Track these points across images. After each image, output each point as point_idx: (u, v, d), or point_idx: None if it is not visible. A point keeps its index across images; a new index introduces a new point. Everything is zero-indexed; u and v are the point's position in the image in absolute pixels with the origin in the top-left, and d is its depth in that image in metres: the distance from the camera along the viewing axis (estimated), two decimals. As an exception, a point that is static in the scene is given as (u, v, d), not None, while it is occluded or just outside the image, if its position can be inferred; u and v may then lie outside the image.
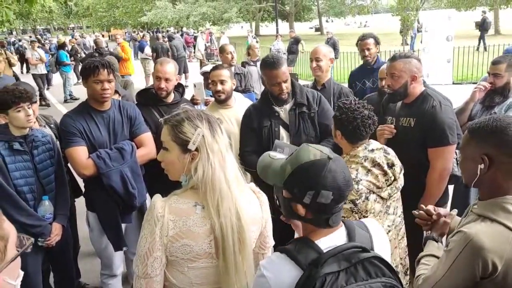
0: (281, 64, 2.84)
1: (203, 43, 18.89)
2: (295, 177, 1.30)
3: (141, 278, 1.54)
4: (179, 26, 34.61)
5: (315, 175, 1.27)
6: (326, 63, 3.61)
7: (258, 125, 2.96)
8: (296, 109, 2.96)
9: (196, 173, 1.53)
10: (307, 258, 1.25)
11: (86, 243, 3.49)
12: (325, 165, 1.28)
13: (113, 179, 2.68)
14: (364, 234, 1.38)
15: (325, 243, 1.30)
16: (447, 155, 2.70)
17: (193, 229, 1.52)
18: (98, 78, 2.68)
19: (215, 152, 1.55)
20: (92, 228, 2.91)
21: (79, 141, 2.69)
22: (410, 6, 24.10)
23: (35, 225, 2.65)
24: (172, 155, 1.57)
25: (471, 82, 11.84)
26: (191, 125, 1.54)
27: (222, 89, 3.31)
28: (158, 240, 1.50)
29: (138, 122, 2.93)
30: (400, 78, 2.74)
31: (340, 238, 1.33)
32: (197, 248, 1.52)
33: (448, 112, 2.72)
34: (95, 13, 46.55)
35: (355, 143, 2.31)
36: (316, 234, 1.33)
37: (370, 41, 4.21)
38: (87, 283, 3.69)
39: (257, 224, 1.68)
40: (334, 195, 1.27)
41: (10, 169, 2.58)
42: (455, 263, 1.47)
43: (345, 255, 1.24)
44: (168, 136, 1.57)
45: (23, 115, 2.59)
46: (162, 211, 1.51)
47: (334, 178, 1.27)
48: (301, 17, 42.63)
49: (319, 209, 1.29)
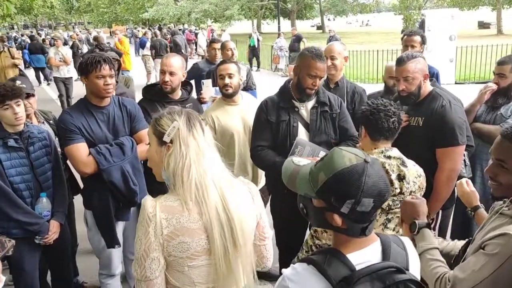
0: (325, 60, 2.81)
1: (204, 39, 18.86)
2: (331, 186, 1.17)
3: (141, 281, 1.51)
4: (180, 23, 34.57)
5: (355, 182, 1.15)
6: (340, 61, 3.50)
7: (276, 118, 2.87)
8: (318, 107, 2.89)
9: (169, 165, 1.54)
10: (337, 274, 1.16)
11: (84, 241, 3.44)
12: (364, 170, 1.16)
13: (114, 175, 2.63)
14: (400, 252, 1.28)
15: (357, 258, 1.21)
16: (456, 155, 2.64)
17: (188, 226, 1.49)
18: (101, 73, 2.62)
19: (190, 146, 1.54)
20: (90, 227, 2.86)
21: (78, 138, 2.64)
22: (413, 5, 24.03)
23: (32, 223, 2.61)
24: (152, 149, 1.62)
25: (473, 82, 11.80)
26: (169, 118, 1.57)
27: (230, 83, 3.27)
28: (153, 240, 1.48)
29: (138, 118, 2.88)
30: (415, 79, 2.67)
31: (374, 254, 1.24)
32: (194, 245, 1.50)
33: (458, 112, 2.66)
34: (96, 9, 46.61)
35: (377, 140, 2.26)
36: (349, 246, 1.23)
37: (416, 39, 3.90)
38: (85, 282, 3.65)
39: (252, 217, 1.65)
40: (375, 201, 1.17)
41: (5, 166, 2.53)
42: (502, 268, 1.40)
43: (380, 275, 1.16)
44: (150, 129, 1.63)
45: (10, 113, 2.52)
46: (153, 210, 1.49)
47: (375, 184, 1.16)
48: (303, 15, 42.65)
49: (357, 218, 1.19)
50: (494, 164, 1.57)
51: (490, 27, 31.48)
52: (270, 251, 1.78)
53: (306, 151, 2.76)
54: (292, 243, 2.99)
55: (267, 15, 42.08)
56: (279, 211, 3.03)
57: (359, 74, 13.51)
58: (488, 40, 15.88)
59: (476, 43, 13.19)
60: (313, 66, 2.75)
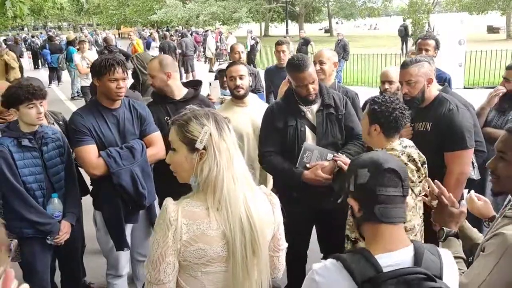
0: (307, 66, 2.75)
1: (213, 42, 18.89)
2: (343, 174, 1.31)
3: (153, 284, 1.49)
4: (188, 25, 34.69)
5: (352, 161, 1.34)
6: (329, 66, 3.51)
7: (283, 124, 2.87)
8: (324, 110, 2.88)
9: (202, 173, 1.50)
10: (363, 274, 1.16)
11: (92, 241, 3.46)
12: None
13: (123, 178, 2.65)
14: (434, 259, 1.25)
15: (386, 261, 1.20)
16: (465, 159, 2.64)
17: (207, 233, 1.47)
18: (114, 76, 2.64)
19: (222, 151, 1.51)
20: (99, 228, 2.88)
21: (88, 140, 2.66)
22: (422, 9, 23.93)
23: (44, 223, 2.63)
24: (180, 156, 1.54)
25: (482, 87, 11.70)
26: (198, 124, 1.52)
27: (241, 84, 3.29)
28: (171, 245, 1.46)
29: (148, 121, 2.89)
30: (418, 83, 2.66)
31: (404, 258, 1.23)
32: (211, 252, 1.49)
33: (465, 116, 2.66)
34: (105, 10, 46.88)
35: (391, 137, 2.33)
36: (378, 247, 1.24)
37: (431, 42, 3.90)
38: (92, 282, 3.67)
39: (271, 227, 1.65)
40: (370, 171, 1.25)
41: (19, 166, 2.56)
42: (497, 268, 1.39)
43: (407, 280, 1.14)
44: (175, 136, 1.55)
45: (34, 112, 2.56)
46: (175, 215, 1.47)
47: (368, 156, 1.31)
48: (311, 18, 42.59)
49: (364, 195, 1.27)
50: (495, 157, 1.58)
51: (500, 32, 31.26)
52: (283, 263, 1.79)
53: (314, 156, 2.77)
54: (296, 244, 3.03)
55: (275, 18, 42.10)
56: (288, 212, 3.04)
57: (365, 78, 13.47)
58: (498, 45, 15.77)
59: (486, 48, 13.09)
60: (298, 77, 2.78)
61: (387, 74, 3.44)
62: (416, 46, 4.18)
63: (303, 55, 2.95)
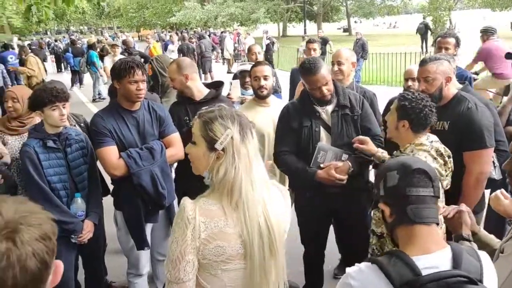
0: (319, 68, 2.76)
1: (231, 43, 18.95)
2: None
3: (173, 283, 1.51)
4: (206, 27, 34.92)
5: (382, 166, 1.33)
6: (348, 67, 3.49)
7: (298, 124, 2.88)
8: (339, 110, 2.88)
9: (218, 173, 1.52)
10: (402, 277, 1.12)
11: (113, 241, 3.52)
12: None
13: (143, 178, 2.70)
14: (474, 262, 1.21)
15: (424, 263, 1.16)
16: (484, 158, 2.59)
17: (225, 230, 1.50)
18: (134, 78, 2.69)
19: (241, 156, 1.52)
20: (119, 227, 2.94)
21: (109, 141, 2.72)
22: (443, 6, 23.50)
23: (68, 222, 2.69)
24: (199, 150, 1.57)
25: (506, 85, 11.43)
26: (222, 125, 1.53)
27: (265, 85, 3.33)
28: (190, 243, 1.48)
29: (167, 122, 2.93)
30: (435, 80, 2.63)
31: (443, 260, 1.19)
32: (229, 250, 1.50)
33: (485, 114, 2.62)
34: (125, 13, 47.56)
35: (420, 132, 2.36)
36: (413, 248, 1.21)
37: (451, 41, 3.77)
38: (113, 281, 3.73)
39: (287, 226, 1.68)
40: (399, 172, 1.24)
41: (44, 166, 2.64)
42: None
43: (449, 283, 1.10)
44: (198, 131, 1.57)
45: (57, 114, 2.64)
46: (193, 213, 1.49)
47: (395, 159, 1.32)
48: (329, 17, 42.27)
49: (395, 199, 1.26)
50: (511, 158, 1.57)
51: (524, 28, 30.47)
52: None
53: (329, 156, 2.77)
54: (316, 241, 3.09)
55: (293, 18, 41.94)
56: (303, 211, 3.05)
57: (384, 76, 13.32)
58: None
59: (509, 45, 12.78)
60: (310, 80, 2.79)
61: (411, 72, 3.38)
62: (435, 44, 4.11)
63: (315, 57, 2.95)
